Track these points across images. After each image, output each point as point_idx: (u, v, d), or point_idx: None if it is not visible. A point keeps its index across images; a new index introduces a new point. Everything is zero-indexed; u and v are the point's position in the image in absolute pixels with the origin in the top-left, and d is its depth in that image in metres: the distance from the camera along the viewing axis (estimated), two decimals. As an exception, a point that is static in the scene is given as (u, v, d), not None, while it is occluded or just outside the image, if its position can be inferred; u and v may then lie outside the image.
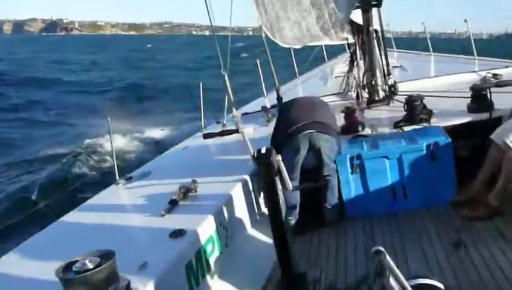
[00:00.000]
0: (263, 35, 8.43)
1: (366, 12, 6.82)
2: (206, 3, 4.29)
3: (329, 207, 4.68)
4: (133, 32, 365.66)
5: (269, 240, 3.99)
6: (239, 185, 4.36)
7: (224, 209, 3.93)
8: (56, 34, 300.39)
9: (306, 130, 4.59)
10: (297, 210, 4.69)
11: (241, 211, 4.28)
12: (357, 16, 7.12)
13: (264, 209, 4.58)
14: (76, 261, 2.40)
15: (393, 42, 13.14)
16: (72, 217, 4.25)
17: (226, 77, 4.81)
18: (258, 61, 9.37)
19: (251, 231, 4.38)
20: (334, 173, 4.67)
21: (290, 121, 4.75)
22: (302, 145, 4.55)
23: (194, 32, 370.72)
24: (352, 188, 4.70)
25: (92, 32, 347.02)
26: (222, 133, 4.68)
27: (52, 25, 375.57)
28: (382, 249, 1.96)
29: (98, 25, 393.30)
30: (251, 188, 4.59)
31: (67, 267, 2.40)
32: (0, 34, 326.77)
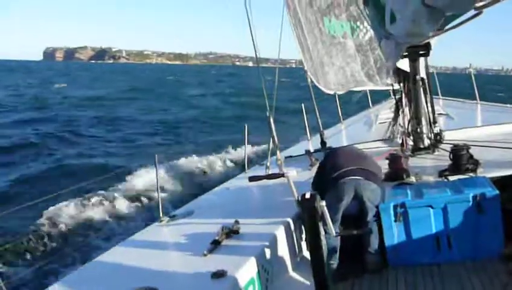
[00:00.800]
0: (308, 80, 8.54)
1: (413, 61, 6.84)
2: (252, 39, 4.41)
3: (371, 254, 4.63)
4: (178, 62, 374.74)
5: (310, 285, 3.97)
6: (281, 228, 4.37)
7: (266, 251, 3.95)
8: (104, 62, 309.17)
9: (352, 175, 4.60)
10: (338, 255, 4.66)
11: (282, 254, 4.28)
12: (404, 63, 7.15)
13: (306, 253, 4.56)
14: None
15: (439, 90, 13.03)
16: (116, 252, 4.34)
17: (271, 119, 4.89)
18: (302, 105, 9.46)
19: (292, 274, 4.36)
20: (376, 220, 4.64)
21: (336, 166, 4.76)
22: (346, 191, 4.54)
23: (238, 63, 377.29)
24: (395, 237, 4.63)
25: (138, 61, 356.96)
26: (268, 177, 4.72)
27: (101, 53, 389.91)
28: None
29: (145, 54, 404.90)
30: (294, 232, 4.59)
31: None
32: (53, 60, 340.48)
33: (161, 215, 5.13)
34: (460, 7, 2.41)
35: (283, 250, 4.32)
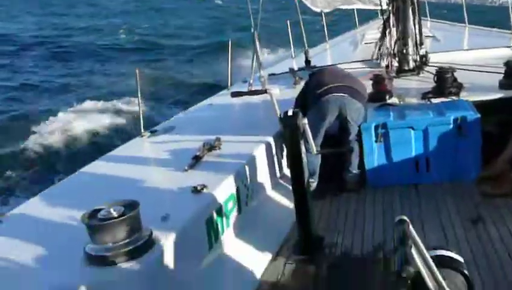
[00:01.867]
0: None
1: None
2: None
3: (351, 174, 4.69)
4: None
5: (289, 202, 4.04)
6: (263, 146, 4.37)
7: (247, 168, 3.96)
8: None
9: (337, 92, 4.56)
10: (318, 173, 4.71)
11: (263, 171, 4.31)
12: None
13: (286, 171, 4.60)
14: (101, 209, 2.47)
15: (427, 10, 12.80)
16: (97, 166, 4.33)
17: (256, 37, 4.78)
18: (287, 22, 9.25)
19: (272, 192, 4.42)
20: (357, 139, 4.66)
21: (321, 83, 4.71)
22: (330, 109, 4.52)
23: None
24: (375, 157, 4.68)
25: None
26: (251, 93, 4.67)
27: None
28: (406, 218, 1.97)
29: None
30: (275, 149, 4.60)
31: (93, 214, 2.47)
32: None
33: (142, 130, 5.10)
34: None
35: (264, 167, 4.34)
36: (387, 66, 6.87)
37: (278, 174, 4.66)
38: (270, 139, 4.54)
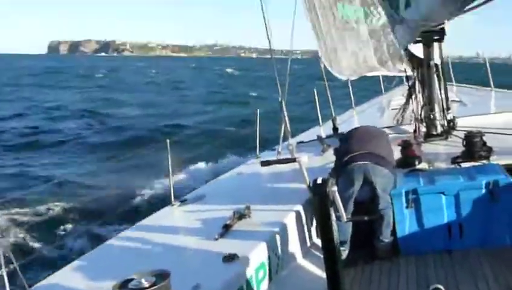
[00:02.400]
0: (321, 66, 8.48)
1: (428, 47, 6.77)
2: (266, 28, 4.39)
3: (383, 242, 4.62)
4: (182, 54, 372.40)
5: (320, 271, 3.98)
6: (293, 214, 4.37)
7: (277, 236, 3.95)
8: (107, 55, 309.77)
9: (362, 160, 4.58)
10: (349, 242, 4.66)
11: (293, 239, 4.28)
12: (417, 48, 7.07)
13: (317, 240, 4.56)
14: (132, 279, 2.49)
15: (452, 76, 12.90)
16: (128, 235, 4.37)
17: (284, 105, 4.88)
18: (315, 90, 9.41)
19: (302, 260, 4.37)
20: (389, 207, 4.61)
21: (347, 150, 4.74)
22: (356, 177, 4.52)
23: (243, 55, 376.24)
24: (406, 224, 4.61)
25: (143, 53, 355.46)
26: (280, 162, 4.71)
27: (105, 46, 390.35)
28: (441, 287, 1.94)
29: (149, 47, 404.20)
30: (304, 218, 4.59)
31: (124, 284, 2.49)
32: (57, 53, 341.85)
33: (172, 199, 5.16)
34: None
35: (294, 235, 4.32)
36: (414, 131, 6.89)
37: (309, 243, 4.63)
38: (300, 208, 4.54)
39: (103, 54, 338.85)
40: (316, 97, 9.30)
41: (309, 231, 4.67)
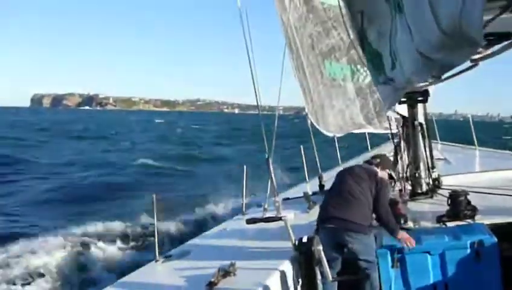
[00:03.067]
0: (308, 122, 8.62)
1: (412, 107, 6.91)
2: (254, 86, 4.46)
3: (369, 301, 4.58)
4: (165, 109, 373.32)
5: None
6: (278, 272, 4.33)
7: None
8: (91, 109, 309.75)
9: (332, 224, 4.65)
10: None
11: None
12: (402, 108, 7.22)
13: None
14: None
15: (437, 134, 13.12)
16: None
17: (270, 161, 4.92)
18: (301, 147, 9.50)
19: None
20: (374, 266, 4.59)
21: (323, 209, 4.90)
22: (327, 240, 4.48)
23: (226, 110, 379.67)
24: (392, 283, 4.59)
25: (125, 107, 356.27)
26: (266, 220, 4.72)
27: (88, 100, 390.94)
28: None
29: (132, 101, 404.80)
30: (290, 276, 4.55)
31: None
32: (40, 106, 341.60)
33: (157, 255, 5.10)
34: (454, 59, 2.46)
35: None
36: (400, 190, 6.94)
37: None
38: (285, 266, 4.50)
39: (87, 107, 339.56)
40: (303, 153, 9.38)
41: (295, 288, 4.61)
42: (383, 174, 5.00)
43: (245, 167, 7.24)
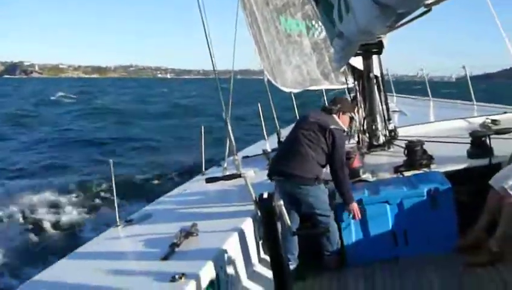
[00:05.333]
0: (265, 79, 8.55)
1: (367, 59, 6.92)
2: (209, 47, 4.37)
3: (329, 253, 4.65)
4: (95, 75, 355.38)
5: (270, 286, 3.96)
6: (240, 229, 4.34)
7: (226, 253, 3.91)
8: (14, 77, 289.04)
9: (278, 175, 4.72)
10: (296, 255, 4.67)
11: (242, 255, 4.25)
12: (357, 61, 7.22)
13: (265, 255, 4.55)
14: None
15: (392, 87, 13.29)
16: (71, 259, 4.22)
17: (228, 121, 4.87)
18: (259, 104, 9.46)
19: (252, 275, 4.34)
20: (329, 219, 4.63)
21: (273, 161, 4.98)
22: (280, 192, 4.48)
23: (160, 75, 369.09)
24: (352, 234, 4.68)
25: (53, 75, 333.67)
26: (225, 178, 4.70)
27: (12, 68, 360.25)
28: None
29: (60, 68, 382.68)
30: (253, 233, 4.57)
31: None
32: None
33: (117, 220, 5.03)
34: (410, 4, 2.44)
35: (242, 251, 4.29)
36: (358, 143, 7.01)
37: (257, 258, 4.60)
38: (247, 223, 4.52)
39: (9, 76, 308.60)
40: (261, 110, 9.35)
41: (257, 246, 4.65)
42: (344, 119, 4.90)
43: (202, 126, 7.17)
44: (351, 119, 5.13)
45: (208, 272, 3.56)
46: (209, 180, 4.85)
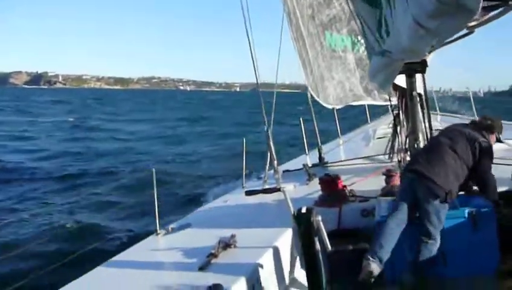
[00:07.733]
0: (308, 95, 8.59)
1: (410, 77, 6.85)
2: (252, 60, 4.44)
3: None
4: (118, 87, 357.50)
5: None
6: (278, 243, 4.37)
7: (262, 266, 3.94)
8: (39, 87, 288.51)
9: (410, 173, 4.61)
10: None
11: (278, 269, 4.27)
12: (400, 79, 7.16)
13: (301, 270, 4.56)
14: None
15: (436, 105, 13.09)
16: (111, 265, 4.33)
17: (270, 134, 4.93)
18: (301, 119, 9.49)
19: (288, 289, 4.36)
20: (435, 236, 4.53)
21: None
22: (403, 185, 4.61)
23: (181, 88, 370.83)
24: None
25: (76, 86, 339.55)
26: (264, 191, 4.74)
27: (36, 78, 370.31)
28: None
29: (83, 79, 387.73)
30: (289, 247, 4.59)
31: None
32: None
33: (158, 228, 5.13)
34: (452, 30, 2.44)
35: (279, 265, 4.31)
36: (399, 161, 6.94)
37: (294, 273, 4.62)
38: (285, 237, 4.54)
39: (34, 86, 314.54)
40: (302, 126, 9.37)
41: (293, 260, 4.66)
42: (491, 138, 4.83)
43: (244, 139, 7.25)
44: (498, 140, 5.08)
45: (244, 284, 3.60)
46: (249, 193, 4.90)
